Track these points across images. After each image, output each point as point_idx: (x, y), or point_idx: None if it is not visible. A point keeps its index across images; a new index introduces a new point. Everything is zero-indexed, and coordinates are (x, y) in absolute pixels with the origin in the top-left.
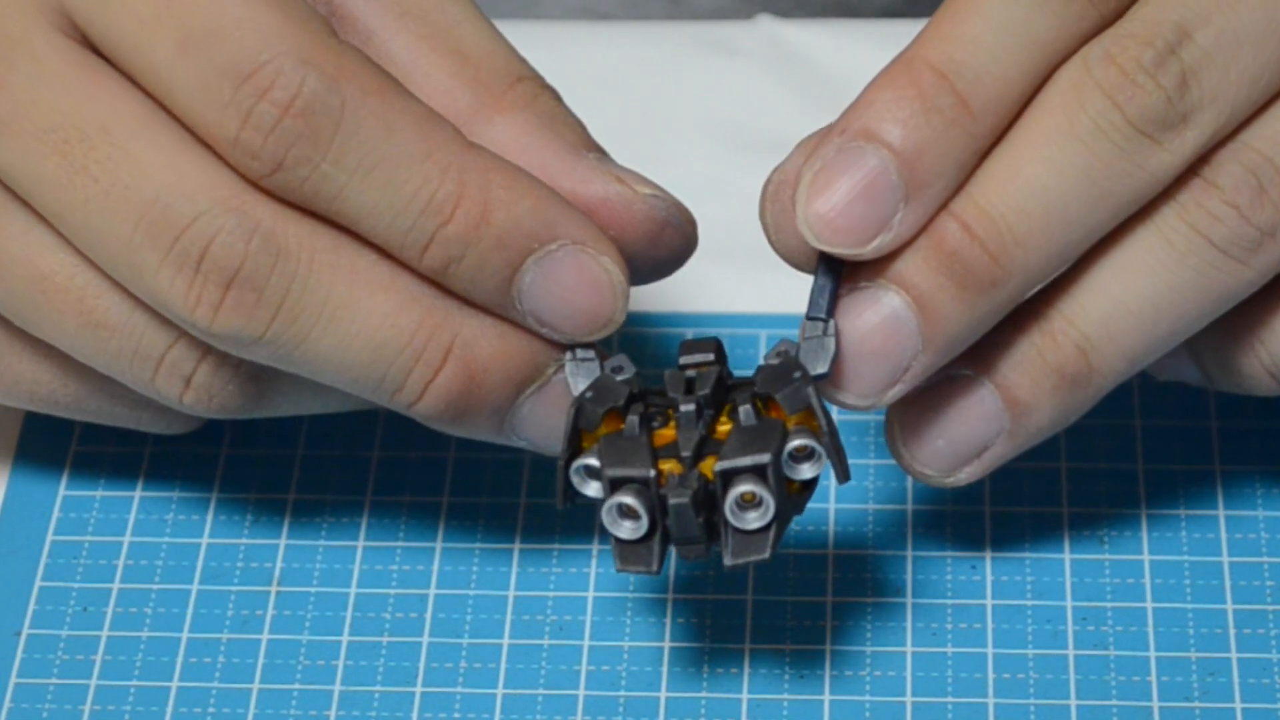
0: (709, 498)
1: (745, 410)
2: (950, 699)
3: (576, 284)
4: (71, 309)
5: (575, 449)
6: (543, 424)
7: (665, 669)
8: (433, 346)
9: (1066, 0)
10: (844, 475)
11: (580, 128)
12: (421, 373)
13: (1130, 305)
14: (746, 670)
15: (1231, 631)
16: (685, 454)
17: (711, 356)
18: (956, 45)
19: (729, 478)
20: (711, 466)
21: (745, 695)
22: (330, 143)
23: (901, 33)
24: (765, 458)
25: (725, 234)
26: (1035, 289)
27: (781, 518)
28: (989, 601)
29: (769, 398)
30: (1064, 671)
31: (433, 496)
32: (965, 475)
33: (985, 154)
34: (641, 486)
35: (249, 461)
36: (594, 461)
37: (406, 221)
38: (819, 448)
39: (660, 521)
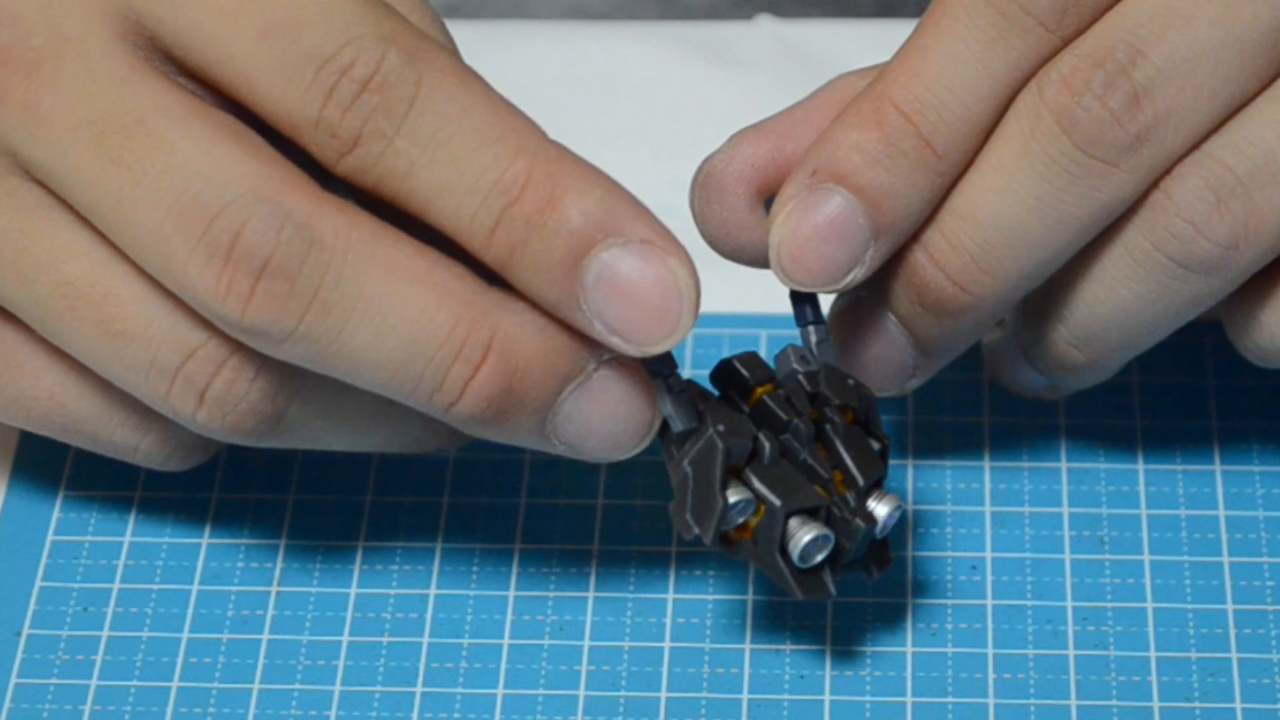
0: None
1: (842, 424)
2: (950, 699)
3: (642, 283)
4: (91, 316)
5: (726, 484)
6: (584, 423)
7: (665, 669)
8: (472, 342)
9: (1023, 30)
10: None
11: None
12: (461, 370)
13: (1109, 313)
14: (746, 670)
15: (1231, 631)
16: (827, 476)
17: (771, 371)
18: (918, 83)
19: (869, 491)
20: (841, 483)
21: (745, 695)
22: (405, 117)
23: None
24: (883, 470)
25: None
26: (1014, 304)
27: None
28: (989, 601)
29: (845, 406)
30: (1064, 671)
31: (433, 496)
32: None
33: (953, 185)
34: (819, 513)
35: (249, 461)
36: (746, 496)
37: (475, 201)
38: (884, 448)
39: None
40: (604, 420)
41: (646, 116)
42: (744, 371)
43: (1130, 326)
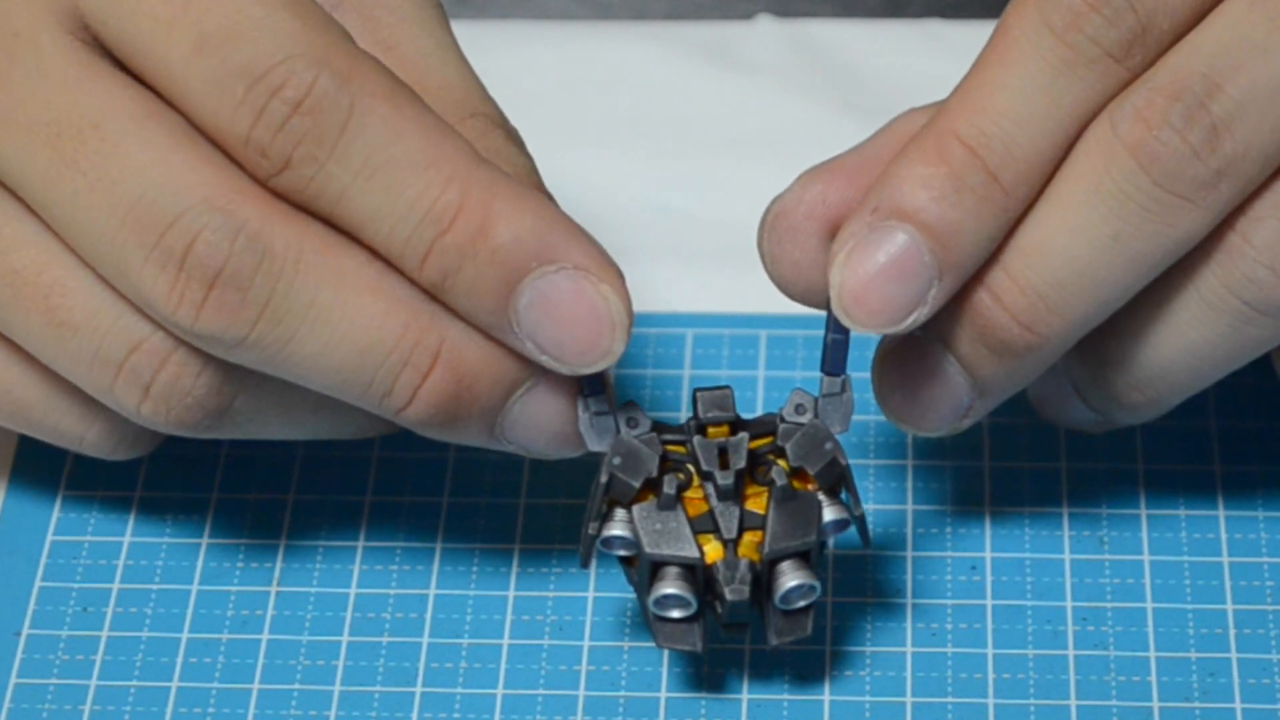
0: (756, 581)
1: (783, 488)
2: (950, 699)
3: (574, 310)
4: (38, 305)
5: (604, 516)
6: (533, 426)
7: (665, 669)
8: (420, 350)
9: (1090, 61)
10: (868, 542)
11: (529, 169)
12: (409, 377)
13: (1175, 356)
14: (746, 670)
15: (1231, 631)
16: (730, 537)
17: (732, 415)
18: (984, 117)
19: (775, 562)
20: (753, 546)
21: (745, 695)
22: (336, 143)
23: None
24: (811, 540)
25: (725, 234)
26: (1077, 339)
27: None
28: (989, 602)
29: (799, 469)
30: (1064, 672)
31: (433, 496)
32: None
33: (1018, 222)
34: (687, 570)
35: (249, 461)
36: (624, 533)
37: (406, 229)
38: (852, 519)
39: (706, 601)
40: (552, 421)
41: (647, 116)
42: (697, 408)
43: (1195, 368)
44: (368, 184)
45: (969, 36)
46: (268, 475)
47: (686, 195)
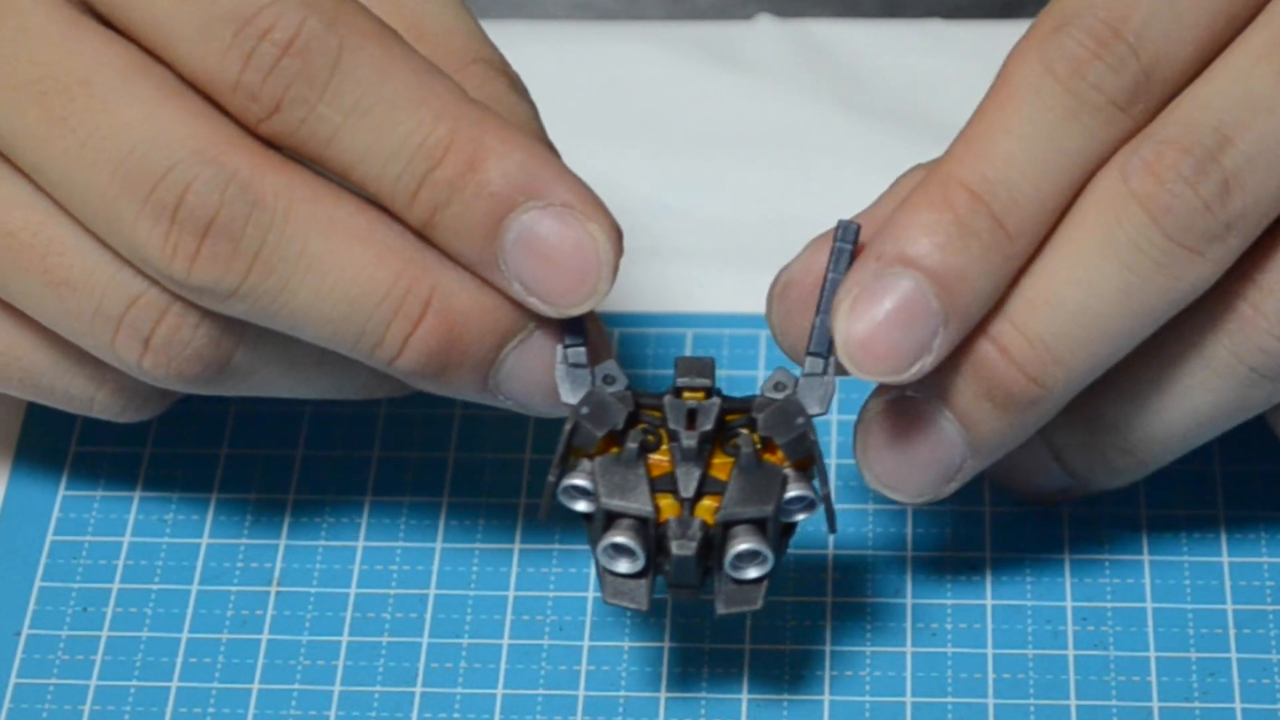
0: (708, 542)
1: (747, 455)
2: (950, 699)
3: (560, 245)
4: (36, 266)
5: (566, 466)
6: (527, 379)
7: (665, 669)
8: (411, 298)
9: (1094, 110)
10: (834, 526)
11: (530, 116)
12: (400, 325)
13: (1174, 421)
14: (746, 670)
15: (1231, 631)
16: (686, 496)
17: (709, 382)
18: (989, 164)
19: (729, 526)
20: (711, 510)
21: (745, 695)
22: (327, 83)
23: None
24: (768, 509)
25: (725, 234)
26: (1078, 391)
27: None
28: (989, 602)
29: (769, 440)
30: (1064, 672)
31: (433, 496)
32: (1053, 504)
33: (1022, 271)
34: (639, 523)
35: (249, 461)
36: (585, 484)
37: (397, 166)
38: (816, 499)
39: (656, 561)
40: (547, 375)
41: (647, 116)
42: (675, 373)
43: (1192, 431)
44: (359, 124)
45: (969, 36)
46: (268, 475)
47: (686, 195)
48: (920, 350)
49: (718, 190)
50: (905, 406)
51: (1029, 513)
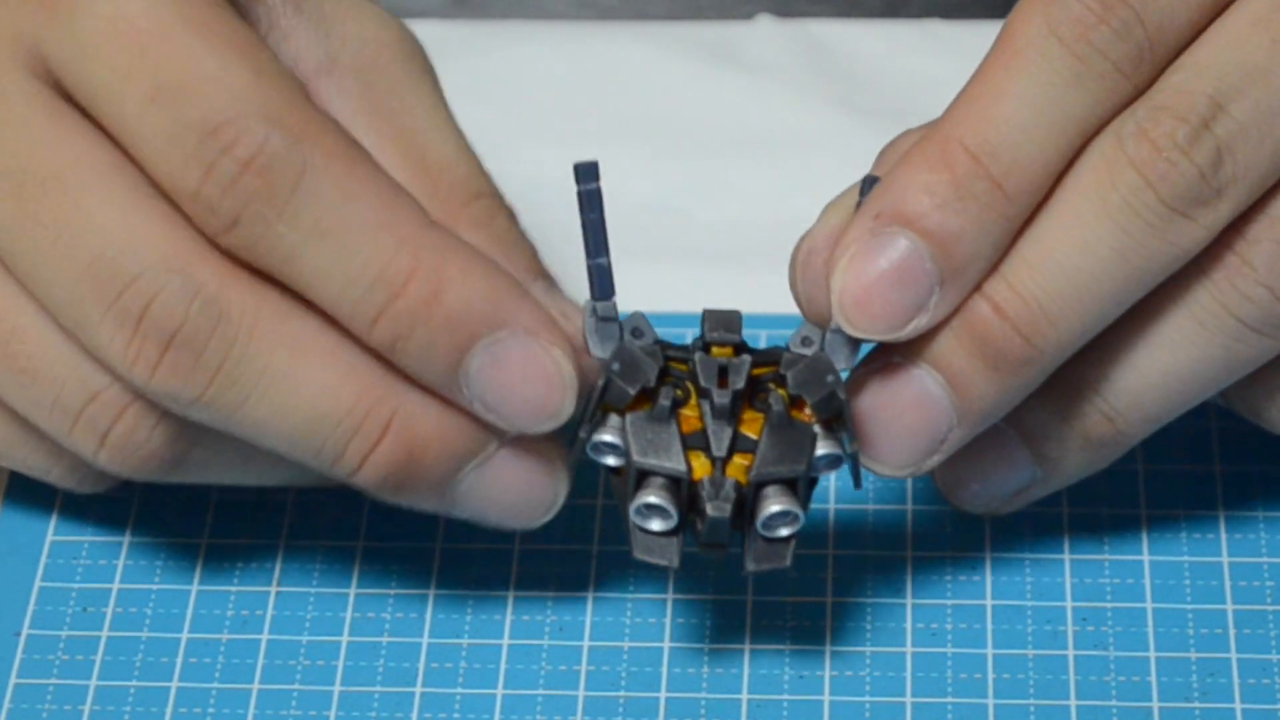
0: (740, 502)
1: (779, 414)
2: (950, 699)
3: (524, 374)
4: (0, 350)
5: (598, 421)
6: (484, 498)
7: (665, 669)
8: (371, 420)
9: (1098, 75)
10: (859, 483)
11: (531, 253)
12: (359, 445)
13: (1158, 379)
14: (746, 670)
15: (1231, 632)
16: (718, 454)
17: (737, 338)
18: (989, 125)
19: (761, 486)
20: (741, 468)
21: (745, 695)
22: (286, 203)
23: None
24: (800, 468)
25: (725, 234)
26: (1067, 357)
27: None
28: (989, 602)
29: (797, 397)
30: (1064, 672)
31: None
32: (1004, 510)
33: (1020, 232)
34: (672, 483)
35: None
36: (615, 440)
37: (357, 292)
38: (844, 455)
39: (688, 519)
40: (504, 495)
41: (647, 116)
42: (704, 326)
43: (1176, 391)
44: (318, 245)
45: (969, 36)
46: None
47: (686, 195)
48: (916, 309)
49: (718, 190)
50: (891, 372)
51: (1029, 513)
